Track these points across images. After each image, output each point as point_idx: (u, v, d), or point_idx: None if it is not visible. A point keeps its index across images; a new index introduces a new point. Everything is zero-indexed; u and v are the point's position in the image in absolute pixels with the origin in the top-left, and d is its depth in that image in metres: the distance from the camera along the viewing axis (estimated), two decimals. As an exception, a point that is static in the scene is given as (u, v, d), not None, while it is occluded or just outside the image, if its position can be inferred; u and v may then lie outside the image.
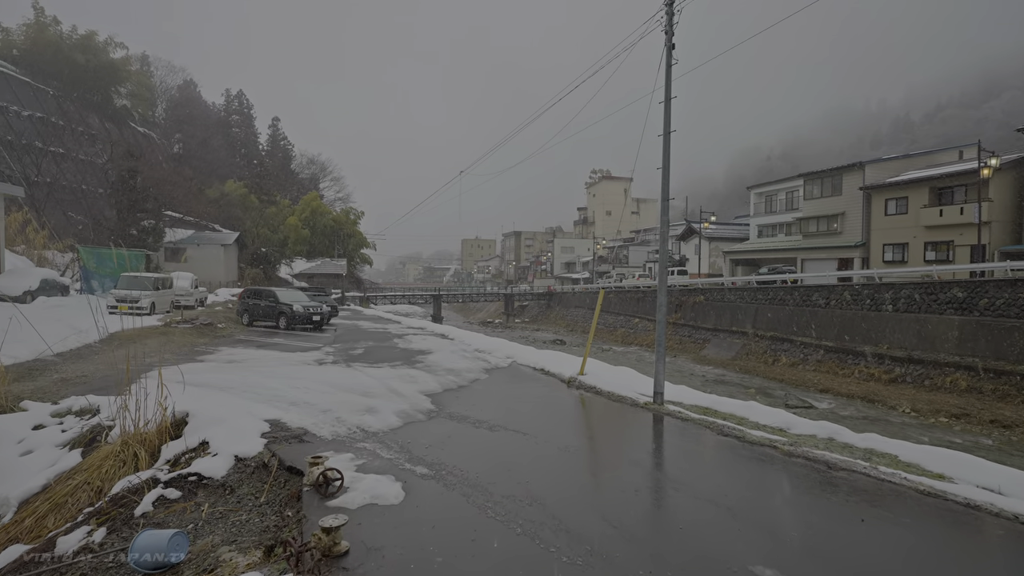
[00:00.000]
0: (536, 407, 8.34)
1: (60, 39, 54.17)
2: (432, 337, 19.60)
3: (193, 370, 10.80)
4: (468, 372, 11.37)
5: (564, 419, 7.61)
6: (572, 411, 8.28)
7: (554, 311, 64.46)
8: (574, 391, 9.71)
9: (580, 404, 8.75)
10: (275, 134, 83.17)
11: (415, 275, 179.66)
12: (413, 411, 7.57)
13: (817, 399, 23.01)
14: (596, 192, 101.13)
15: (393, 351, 15.01)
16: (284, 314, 21.09)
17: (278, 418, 6.78)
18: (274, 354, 13.83)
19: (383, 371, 11.12)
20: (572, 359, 13.37)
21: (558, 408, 8.39)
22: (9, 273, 23.86)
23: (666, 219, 8.14)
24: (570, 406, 8.61)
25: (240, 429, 5.99)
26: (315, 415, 7.06)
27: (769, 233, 48.78)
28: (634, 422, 7.43)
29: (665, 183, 7.97)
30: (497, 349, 15.58)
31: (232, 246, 44.87)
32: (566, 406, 8.60)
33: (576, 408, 8.52)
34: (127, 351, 13.01)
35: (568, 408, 8.46)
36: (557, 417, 7.69)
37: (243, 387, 8.81)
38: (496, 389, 9.89)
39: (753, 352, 32.04)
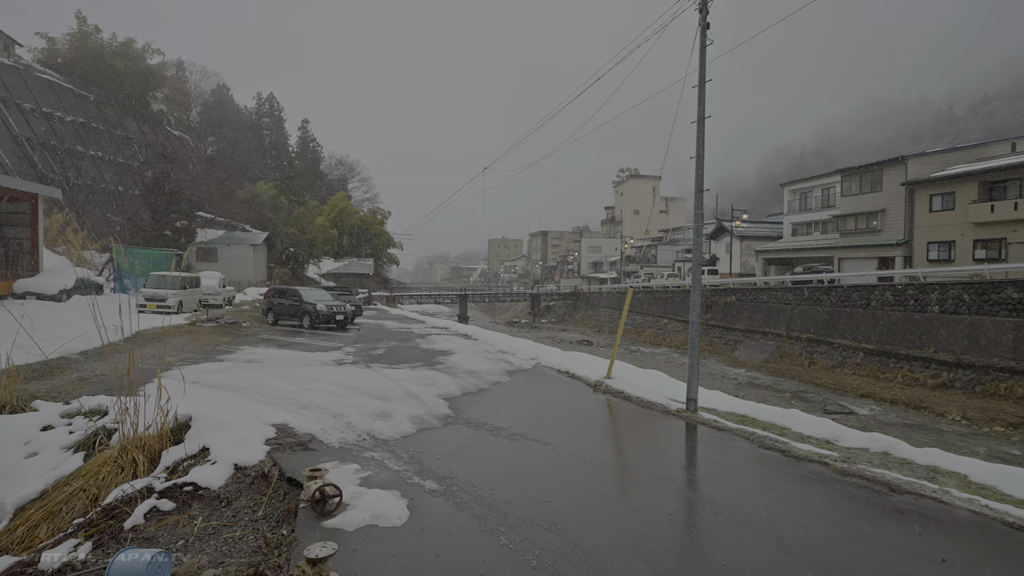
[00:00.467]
0: (559, 413, 7.83)
1: (101, 47, 55.80)
2: (455, 337, 19.23)
3: (210, 370, 10.61)
4: (489, 374, 10.92)
5: (589, 427, 7.07)
6: (598, 418, 7.74)
7: (581, 311, 63.70)
8: (600, 396, 9.17)
9: (606, 410, 8.21)
10: (304, 136, 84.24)
11: (442, 275, 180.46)
12: (428, 416, 7.14)
13: (857, 404, 21.93)
14: (624, 191, 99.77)
15: (414, 352, 14.66)
16: (308, 313, 21.00)
17: (286, 423, 6.42)
18: (294, 354, 13.61)
19: (402, 372, 10.75)
20: (598, 361, 12.80)
21: (583, 415, 7.86)
22: (47, 272, 24.37)
23: (700, 212, 7.54)
24: (596, 413, 8.07)
25: (243, 435, 5.64)
26: (325, 420, 6.68)
27: (803, 232, 47.21)
28: (665, 431, 6.86)
29: (699, 173, 7.37)
30: (521, 350, 15.11)
31: (261, 246, 45.41)
32: (591, 412, 8.06)
33: (602, 415, 7.97)
34: (149, 350, 13.04)
35: (593, 415, 7.93)
36: (581, 425, 7.16)
37: (256, 388, 8.53)
38: (517, 393, 9.41)
39: (787, 354, 30.90)
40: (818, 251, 41.83)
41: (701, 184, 7.38)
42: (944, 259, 31.96)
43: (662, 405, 8.18)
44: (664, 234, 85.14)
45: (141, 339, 14.78)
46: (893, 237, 35.59)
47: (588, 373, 10.77)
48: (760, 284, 37.94)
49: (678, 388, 9.83)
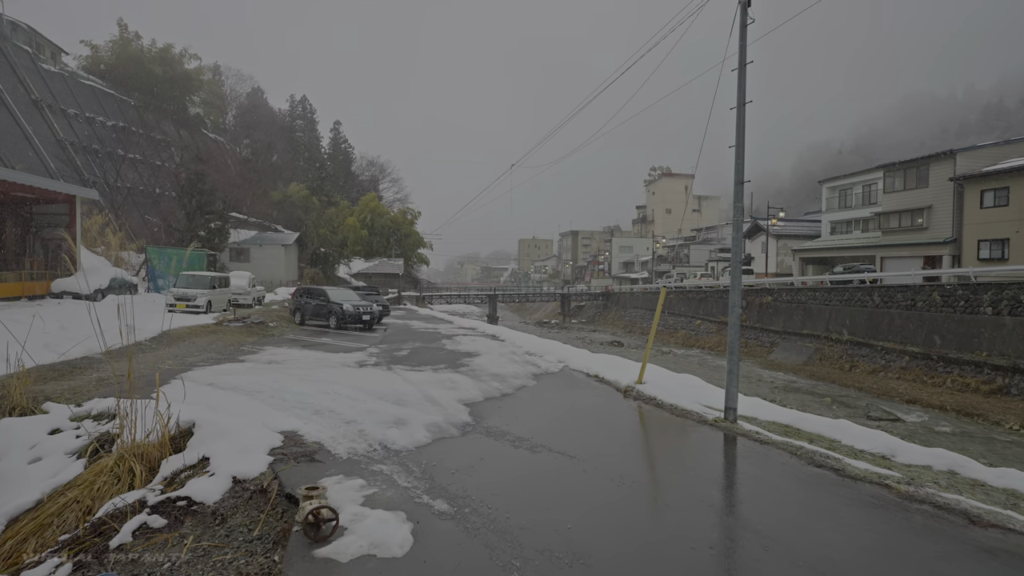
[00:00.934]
0: (586, 422, 7.29)
1: (141, 53, 57.37)
2: (482, 338, 18.82)
3: (230, 371, 10.40)
4: (515, 378, 10.44)
5: (618, 438, 6.52)
6: (628, 428, 7.17)
7: (612, 312, 62.74)
8: (631, 402, 8.59)
9: (638, 419, 7.64)
10: (336, 137, 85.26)
11: (473, 275, 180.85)
12: (447, 424, 6.69)
13: (903, 411, 20.74)
14: (655, 190, 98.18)
15: (439, 353, 14.29)
16: (334, 313, 20.88)
17: (295, 430, 6.07)
18: (317, 355, 13.38)
19: (423, 375, 10.36)
20: (629, 364, 12.19)
21: (612, 424, 7.30)
22: (83, 273, 24.86)
23: (740, 205, 6.90)
24: (626, 421, 7.51)
25: (247, 443, 5.29)
26: (336, 427, 6.31)
27: (843, 230, 45.43)
28: (703, 444, 6.26)
29: (739, 162, 6.74)
30: (549, 352, 14.59)
31: (292, 246, 45.92)
32: (621, 421, 7.50)
33: (633, 424, 7.41)
34: (172, 350, 12.97)
35: (624, 424, 7.36)
36: (610, 435, 6.61)
37: (271, 392, 8.24)
38: (543, 399, 8.90)
39: (827, 357, 29.63)
40: (858, 250, 40.17)
41: (741, 174, 6.75)
42: (997, 258, 30.16)
43: (698, 414, 7.56)
44: (697, 233, 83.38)
45: (166, 339, 14.78)
46: (940, 235, 33.84)
47: (618, 377, 10.19)
48: (797, 284, 36.61)
49: (714, 394, 9.19)
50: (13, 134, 38.98)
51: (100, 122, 48.12)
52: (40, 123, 41.99)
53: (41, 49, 48.28)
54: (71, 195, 25.45)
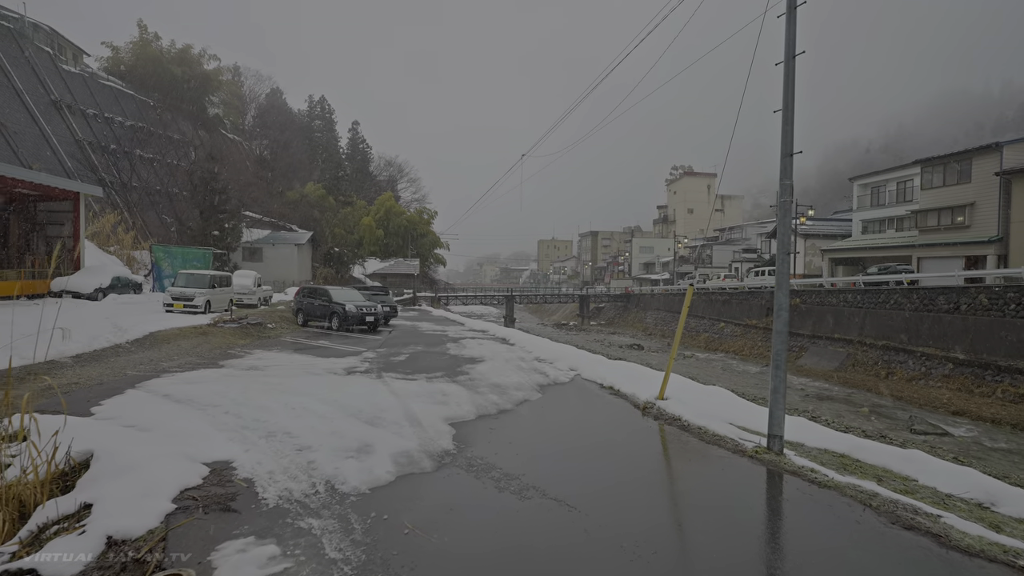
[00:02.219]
0: (595, 451, 5.95)
1: (160, 54, 57.53)
2: (490, 342, 17.55)
3: (198, 379, 9.29)
4: (517, 390, 9.14)
5: (634, 476, 5.16)
6: (647, 460, 5.80)
7: (631, 313, 61.07)
8: (651, 423, 7.23)
9: (659, 447, 6.28)
10: (354, 137, 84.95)
11: (492, 276, 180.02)
12: (420, 453, 5.42)
13: (950, 423, 18.97)
14: (677, 189, 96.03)
15: (439, 359, 13.05)
16: (336, 314, 19.83)
17: (230, 460, 4.88)
18: (306, 360, 12.25)
19: (414, 385, 9.12)
20: (649, 374, 10.81)
21: (626, 453, 5.95)
22: (85, 271, 24.24)
23: (789, 184, 5.52)
24: (644, 450, 6.15)
25: (152, 483, 4.09)
26: (283, 456, 5.09)
27: (875, 229, 43.30)
28: (742, 486, 4.89)
29: (788, 128, 5.38)
30: (560, 358, 13.25)
31: (305, 245, 45.23)
32: (638, 449, 6.14)
33: (653, 454, 6.05)
34: (151, 354, 11.89)
35: (641, 453, 6.00)
36: (624, 471, 5.27)
37: (230, 405, 7.08)
38: (546, 418, 7.58)
39: (860, 363, 27.80)
40: (892, 250, 38.08)
41: (791, 144, 5.38)
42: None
43: (733, 441, 6.18)
44: (720, 233, 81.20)
45: (151, 341, 13.81)
46: (984, 233, 31.69)
47: (636, 390, 8.83)
48: (827, 285, 34.80)
49: (748, 412, 7.80)
50: (32, 134, 38.93)
51: (119, 122, 48.11)
52: (59, 123, 41.97)
53: (63, 51, 48.45)
54: (75, 192, 24.85)
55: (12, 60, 39.89)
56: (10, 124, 37.20)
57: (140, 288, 26.36)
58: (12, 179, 20.87)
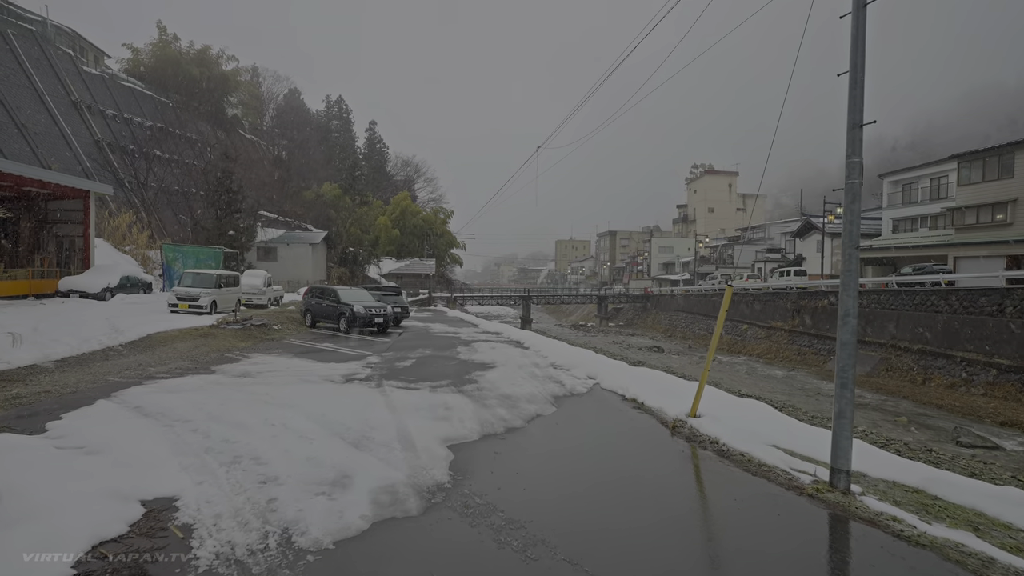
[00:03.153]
0: (618, 488, 4.95)
1: (179, 54, 57.78)
2: (503, 345, 16.62)
3: (182, 387, 8.51)
4: (529, 402, 8.19)
5: (666, 525, 4.14)
6: (681, 501, 4.76)
7: (651, 314, 59.69)
8: (682, 445, 6.23)
9: (693, 481, 5.27)
10: (372, 137, 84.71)
11: (509, 276, 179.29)
12: (407, 488, 4.50)
13: (999, 435, 17.53)
14: (697, 188, 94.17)
15: (447, 365, 12.15)
16: (344, 315, 19.06)
17: (175, 496, 4.02)
18: (304, 365, 11.44)
19: (415, 397, 8.22)
20: (676, 384, 9.78)
21: (656, 491, 4.93)
22: (94, 270, 23.88)
23: (858, 161, 4.48)
24: (677, 488, 5.13)
25: (55, 536, 3.23)
26: (240, 491, 4.21)
27: (907, 227, 41.55)
28: (806, 542, 3.86)
29: (857, 93, 4.35)
30: (578, 364, 12.27)
31: (320, 245, 44.77)
32: (670, 487, 5.12)
33: (687, 492, 5.03)
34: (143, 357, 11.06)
35: (674, 492, 4.97)
36: (653, 517, 4.25)
37: (202, 421, 6.25)
38: (560, 439, 6.60)
39: (894, 368, 26.32)
40: (926, 249, 36.36)
41: (860, 113, 4.36)
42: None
43: (785, 473, 5.15)
44: (742, 233, 79.29)
45: (146, 344, 13.13)
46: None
47: (663, 403, 7.82)
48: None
49: (791, 431, 6.75)
50: (52, 134, 39.08)
51: (137, 123, 48.31)
52: (79, 124, 42.13)
53: (84, 52, 48.77)
54: (85, 190, 24.50)
55: (34, 62, 40.09)
56: (31, 125, 37.34)
57: (150, 288, 25.96)
58: (20, 177, 20.51)
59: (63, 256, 25.22)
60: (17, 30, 39.83)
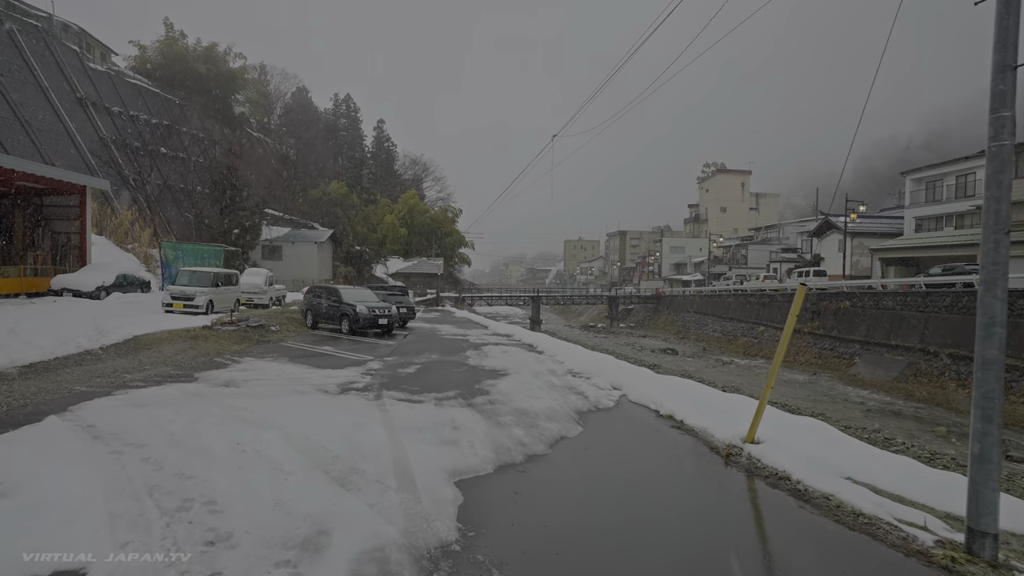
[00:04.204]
0: (673, 543, 3.79)
1: (186, 52, 57.20)
2: (516, 349, 15.48)
3: (154, 398, 7.44)
4: (550, 420, 7.04)
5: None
6: (758, 568, 3.59)
7: (663, 315, 58.39)
8: (741, 480, 5.06)
9: (777, 541, 4.10)
10: (380, 136, 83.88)
11: (518, 276, 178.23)
12: (401, 553, 3.36)
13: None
14: (709, 187, 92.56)
15: (455, 372, 11.02)
16: (347, 316, 17.99)
17: (78, 570, 2.94)
18: (298, 372, 10.35)
19: (417, 412, 7.11)
20: (716, 397, 8.59)
21: (720, 550, 3.78)
22: (89, 268, 23.00)
23: (1007, 115, 3.32)
24: (749, 544, 3.97)
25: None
26: (171, 564, 3.11)
27: (931, 226, 40.06)
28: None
29: (1008, 25, 3.22)
30: (599, 372, 11.10)
31: (326, 243, 43.81)
32: (742, 543, 3.96)
33: (771, 559, 3.86)
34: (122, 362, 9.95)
35: (747, 552, 3.81)
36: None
37: (162, 444, 5.17)
38: (593, 473, 5.42)
39: (923, 373, 24.99)
40: (952, 249, 34.89)
41: (1014, 51, 3.22)
42: None
43: (893, 528, 3.95)
44: (755, 233, 77.73)
45: (130, 347, 12.11)
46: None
47: (707, 423, 6.66)
48: (877, 287, 32.14)
49: (867, 460, 5.57)
50: (56, 131, 38.40)
51: (144, 120, 47.65)
52: (84, 121, 41.46)
53: (91, 49, 48.18)
54: (81, 185, 23.62)
55: (39, 58, 39.44)
56: (34, 121, 36.65)
57: (148, 286, 25.04)
58: (11, 171, 19.62)
59: (58, 253, 24.34)
60: (22, 26, 39.19)
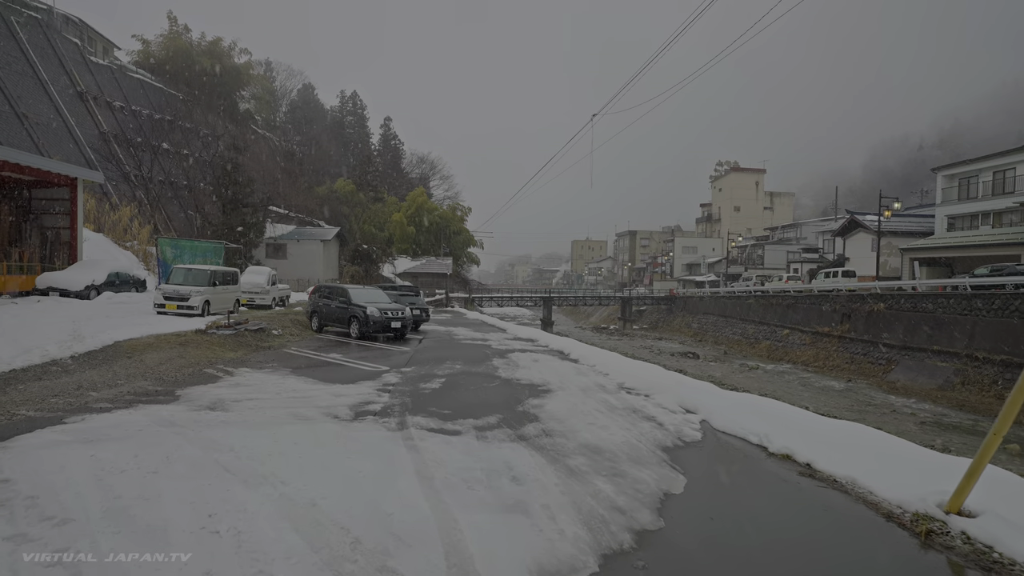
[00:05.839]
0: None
1: (190, 46, 55.91)
2: (546, 356, 13.71)
3: (106, 433, 5.67)
4: (636, 464, 5.28)
5: None
6: None
7: (677, 317, 56.48)
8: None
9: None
10: (386, 133, 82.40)
11: (524, 277, 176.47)
12: None
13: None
14: (722, 186, 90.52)
15: (488, 387, 9.26)
16: (356, 318, 16.26)
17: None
18: (301, 388, 8.62)
19: (459, 452, 5.37)
20: (822, 425, 6.83)
21: None
22: (79, 266, 21.40)
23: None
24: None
25: None
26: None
27: (965, 225, 38.12)
28: None
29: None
30: (656, 387, 9.33)
31: (332, 242, 42.16)
32: None
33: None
34: (92, 375, 8.44)
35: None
36: None
37: (92, 519, 3.44)
38: (736, 561, 3.66)
39: (972, 381, 23.12)
40: (991, 248, 32.96)
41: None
42: None
43: None
44: (771, 232, 75.66)
45: (111, 354, 10.40)
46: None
47: (852, 471, 4.87)
48: (907, 288, 30.49)
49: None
50: (55, 125, 36.99)
51: (146, 115, 46.24)
52: (84, 115, 40.04)
53: (92, 43, 46.75)
54: (72, 177, 22.03)
55: (39, 51, 38.02)
56: (32, 115, 35.20)
57: (144, 285, 23.44)
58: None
59: (48, 250, 22.75)
60: (21, 18, 37.75)
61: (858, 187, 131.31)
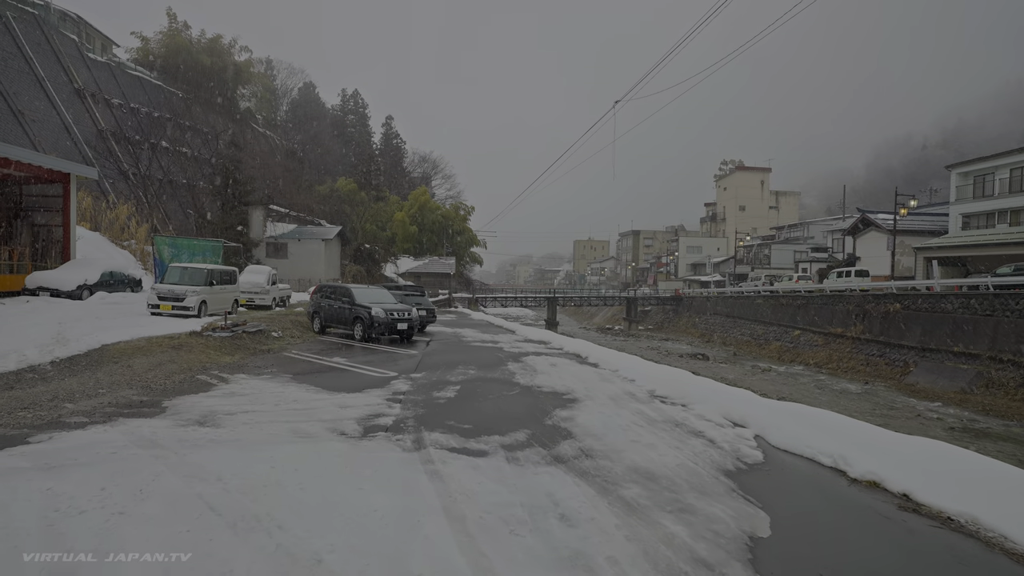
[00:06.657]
0: None
1: (190, 43, 55.20)
2: (564, 360, 12.85)
3: (81, 454, 4.83)
4: (702, 496, 4.44)
5: None
6: None
7: (683, 317, 55.62)
8: None
9: None
10: (388, 132, 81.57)
11: (525, 277, 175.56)
12: None
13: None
14: (727, 185, 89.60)
15: (508, 396, 8.41)
16: (360, 319, 15.41)
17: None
18: (303, 397, 7.77)
19: (490, 480, 4.52)
20: (885, 437, 6.00)
21: None
22: (72, 264, 20.58)
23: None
24: None
25: None
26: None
27: (980, 223, 37.22)
28: None
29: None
30: (691, 395, 8.47)
31: (334, 241, 41.31)
32: None
33: None
34: (72, 382, 7.72)
35: None
36: None
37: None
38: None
39: (998, 384, 22.29)
40: (1007, 247, 32.09)
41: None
42: None
43: None
44: (777, 232, 74.74)
45: (96, 359, 9.56)
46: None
47: (967, 507, 4.03)
48: (922, 288, 29.68)
49: None
50: (52, 122, 36.22)
51: (145, 112, 45.48)
52: (81, 112, 39.27)
53: (91, 40, 45.99)
54: (64, 172, 21.21)
55: (35, 47, 37.21)
56: (28, 112, 34.46)
57: (139, 285, 22.62)
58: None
59: (40, 248, 21.93)
60: (17, 13, 36.95)
61: (862, 186, 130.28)
